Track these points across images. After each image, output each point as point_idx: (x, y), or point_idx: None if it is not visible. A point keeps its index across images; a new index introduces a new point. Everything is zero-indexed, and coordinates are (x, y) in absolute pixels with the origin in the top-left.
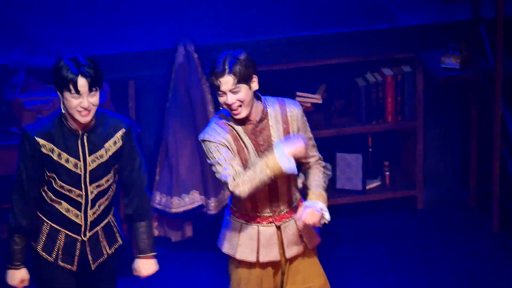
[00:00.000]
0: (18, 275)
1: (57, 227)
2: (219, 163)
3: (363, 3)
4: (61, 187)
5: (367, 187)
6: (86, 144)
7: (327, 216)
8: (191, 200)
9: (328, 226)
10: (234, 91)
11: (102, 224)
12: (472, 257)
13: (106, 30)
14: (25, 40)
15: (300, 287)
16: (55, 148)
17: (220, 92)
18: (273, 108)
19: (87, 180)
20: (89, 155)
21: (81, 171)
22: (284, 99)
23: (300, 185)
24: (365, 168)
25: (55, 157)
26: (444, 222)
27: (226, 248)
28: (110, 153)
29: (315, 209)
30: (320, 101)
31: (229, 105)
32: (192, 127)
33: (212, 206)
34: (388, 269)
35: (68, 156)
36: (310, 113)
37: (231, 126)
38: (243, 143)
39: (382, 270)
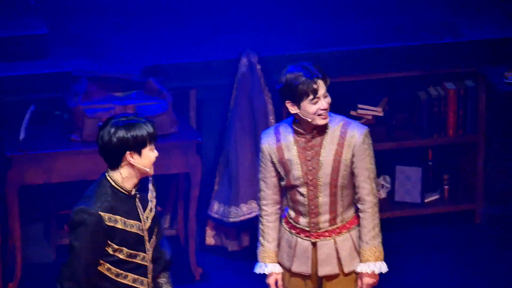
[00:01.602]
0: None
1: None
2: (258, 179)
3: (428, 17)
4: (130, 255)
5: (426, 200)
6: (139, 203)
7: (384, 270)
8: (249, 209)
9: (386, 239)
10: (325, 95)
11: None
12: None
13: (169, 40)
14: (88, 49)
15: None
16: (118, 217)
17: (314, 99)
18: (334, 127)
19: (147, 239)
20: (143, 213)
21: (142, 232)
22: (351, 121)
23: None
24: (424, 181)
25: (120, 226)
26: (503, 237)
27: None
28: (153, 205)
29: (373, 278)
30: (381, 114)
31: (321, 110)
32: (253, 138)
33: None
34: (445, 282)
35: (131, 221)
36: (371, 126)
37: (285, 135)
38: (289, 154)
39: (439, 283)
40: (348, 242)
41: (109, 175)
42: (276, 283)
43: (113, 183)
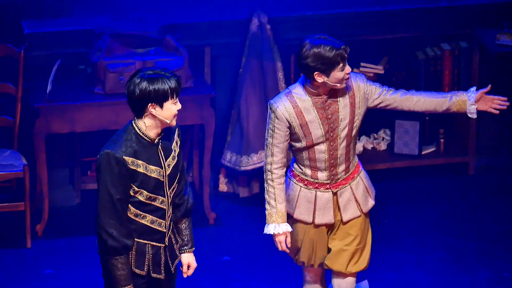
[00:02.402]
0: None
1: (143, 241)
2: (267, 144)
3: None
4: (149, 198)
5: (423, 153)
6: (161, 151)
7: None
8: (259, 159)
9: (385, 188)
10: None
11: (171, 227)
12: None
13: (186, 0)
14: (110, 7)
15: (340, 243)
16: (140, 162)
17: (343, 66)
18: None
19: (166, 185)
20: (165, 161)
21: (163, 178)
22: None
23: (360, 149)
24: (422, 135)
25: (141, 170)
26: (494, 187)
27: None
28: (177, 154)
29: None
30: (382, 72)
31: (347, 75)
32: (263, 92)
33: None
34: (438, 229)
35: (152, 167)
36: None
37: (301, 99)
38: (309, 116)
39: (434, 229)
40: (361, 184)
41: (135, 123)
42: (285, 241)
43: (137, 131)
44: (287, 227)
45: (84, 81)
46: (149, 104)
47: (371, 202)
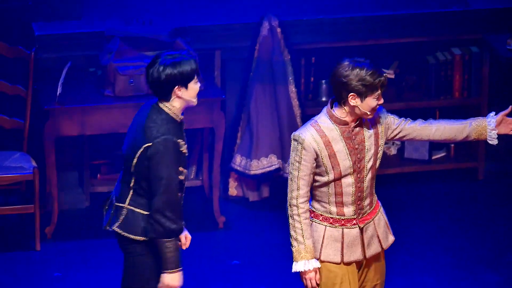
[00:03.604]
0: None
1: None
2: (292, 178)
3: None
4: (185, 176)
5: (433, 157)
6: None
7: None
8: (269, 163)
9: (395, 193)
10: None
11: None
12: None
13: (196, 3)
14: (121, 10)
15: (371, 284)
16: (182, 142)
17: (379, 94)
18: None
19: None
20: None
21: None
22: None
23: None
24: None
25: (184, 150)
26: (503, 193)
27: None
28: None
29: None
30: (392, 76)
31: (378, 106)
32: (273, 96)
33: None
34: (447, 234)
35: (185, 145)
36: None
37: (328, 129)
38: (337, 146)
39: (441, 235)
40: (382, 219)
41: (163, 105)
42: (315, 277)
43: (170, 113)
44: (316, 263)
45: (94, 83)
46: (176, 87)
47: (391, 238)
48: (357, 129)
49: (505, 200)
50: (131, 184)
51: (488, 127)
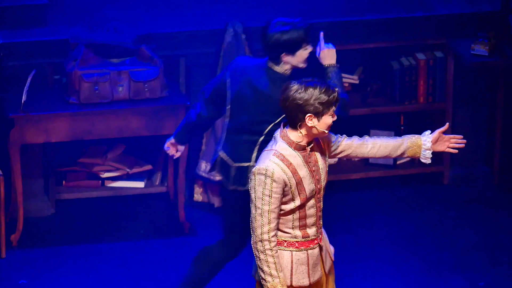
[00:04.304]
0: None
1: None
2: (261, 213)
3: None
4: None
5: (398, 162)
6: None
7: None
8: None
9: (360, 198)
10: None
11: None
12: (493, 231)
13: (161, 10)
14: (86, 17)
15: None
16: None
17: (333, 112)
18: None
19: None
20: None
21: None
22: None
23: (335, 159)
24: None
25: None
26: (468, 197)
27: None
28: None
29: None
30: (357, 82)
31: (332, 121)
32: None
33: None
34: (413, 238)
35: None
36: (348, 93)
37: (291, 156)
38: (302, 172)
39: (408, 240)
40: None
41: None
42: None
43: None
44: None
45: (59, 91)
46: (283, 53)
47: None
48: (311, 151)
49: (470, 204)
50: (258, 144)
51: (422, 146)
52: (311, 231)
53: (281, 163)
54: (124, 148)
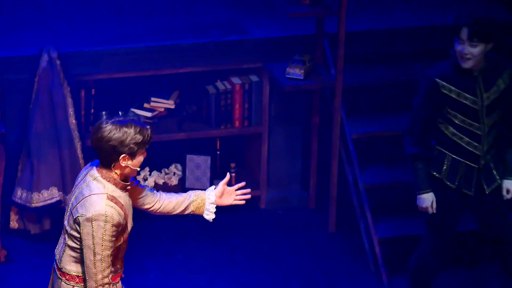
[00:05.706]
0: (430, 198)
1: (458, 158)
2: (102, 258)
3: (216, 17)
4: (463, 121)
5: None
6: (481, 83)
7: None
8: (50, 195)
9: (174, 223)
10: None
11: (492, 154)
12: (309, 254)
13: None
14: None
15: None
16: (453, 88)
17: (144, 151)
18: None
19: (484, 114)
20: (485, 92)
21: (479, 106)
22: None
23: (152, 184)
24: (213, 169)
25: (454, 96)
26: (284, 220)
27: None
28: (501, 89)
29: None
30: (173, 106)
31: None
32: (54, 128)
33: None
34: (230, 264)
35: (466, 95)
36: (163, 117)
37: (121, 197)
38: (128, 211)
39: (225, 264)
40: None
41: None
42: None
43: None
44: None
45: None
46: None
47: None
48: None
49: (287, 228)
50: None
51: (206, 200)
52: (120, 263)
53: (116, 207)
54: None
